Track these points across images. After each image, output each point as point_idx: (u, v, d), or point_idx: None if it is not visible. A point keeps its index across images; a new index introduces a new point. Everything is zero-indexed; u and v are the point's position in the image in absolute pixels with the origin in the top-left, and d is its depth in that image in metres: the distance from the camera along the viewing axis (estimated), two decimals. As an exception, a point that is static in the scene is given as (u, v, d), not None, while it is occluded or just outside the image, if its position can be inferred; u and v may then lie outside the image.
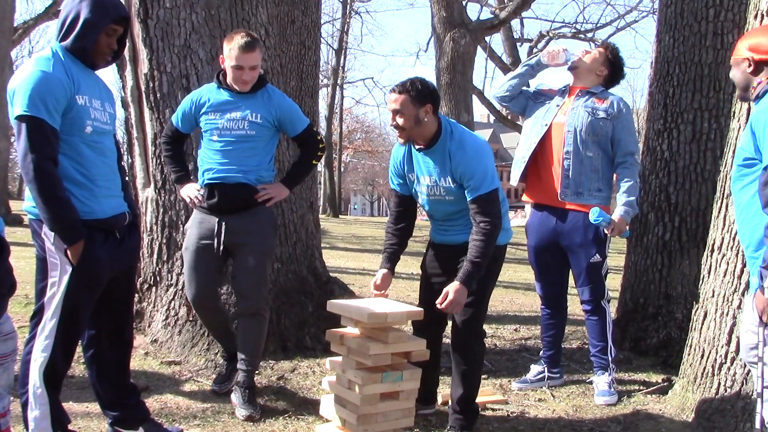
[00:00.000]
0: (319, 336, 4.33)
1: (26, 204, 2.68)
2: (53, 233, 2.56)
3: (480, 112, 63.40)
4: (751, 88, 2.56)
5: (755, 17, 3.33)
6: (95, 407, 3.19)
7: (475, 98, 20.51)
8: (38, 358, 2.60)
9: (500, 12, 17.43)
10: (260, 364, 4.08)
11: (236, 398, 3.44)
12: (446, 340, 4.99)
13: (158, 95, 4.31)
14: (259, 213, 3.49)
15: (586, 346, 4.73)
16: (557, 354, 4.12)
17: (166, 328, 4.28)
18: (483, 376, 4.16)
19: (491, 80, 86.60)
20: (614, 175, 3.90)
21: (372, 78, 56.91)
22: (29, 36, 24.39)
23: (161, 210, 4.36)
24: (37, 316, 2.62)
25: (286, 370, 4.06)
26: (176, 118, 3.60)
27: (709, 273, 3.53)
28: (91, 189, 2.66)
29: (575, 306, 4.30)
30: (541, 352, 4.16)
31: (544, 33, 23.07)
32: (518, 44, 23.22)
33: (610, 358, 3.84)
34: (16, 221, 11.79)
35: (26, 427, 2.65)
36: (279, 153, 4.52)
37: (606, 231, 3.72)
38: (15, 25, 16.61)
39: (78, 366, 3.97)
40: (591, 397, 3.82)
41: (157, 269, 4.39)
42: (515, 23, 22.66)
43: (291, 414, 3.41)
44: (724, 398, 3.29)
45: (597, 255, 3.79)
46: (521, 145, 4.03)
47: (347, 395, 2.92)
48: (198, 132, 3.65)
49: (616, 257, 4.12)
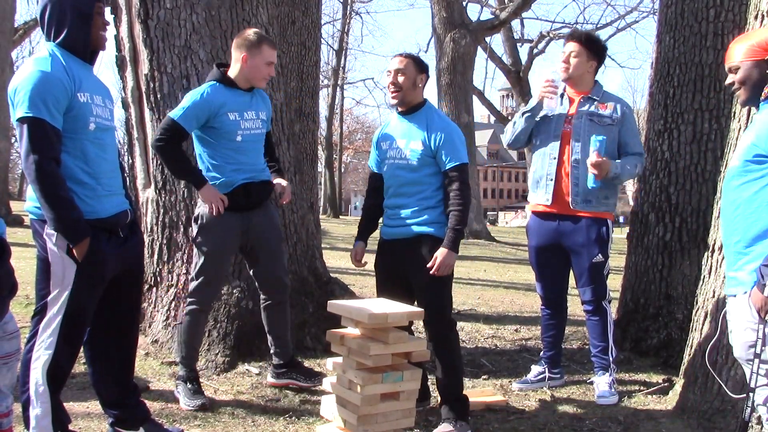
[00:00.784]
0: (320, 336, 4.33)
1: (28, 204, 2.68)
2: (55, 233, 2.56)
3: (480, 113, 63.44)
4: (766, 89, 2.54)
5: (756, 18, 3.33)
6: (96, 407, 3.19)
7: (476, 98, 20.54)
8: (41, 356, 2.60)
9: (500, 12, 17.45)
10: (261, 365, 4.08)
11: (297, 376, 3.76)
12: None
13: (159, 96, 4.31)
14: (270, 206, 3.77)
15: (587, 347, 4.73)
16: (558, 354, 4.12)
17: (167, 329, 4.28)
18: (483, 377, 4.17)
19: (491, 81, 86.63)
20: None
21: (372, 78, 56.94)
22: (30, 36, 24.40)
23: (161, 210, 4.36)
24: (39, 315, 2.62)
25: (287, 371, 4.06)
26: (183, 118, 3.45)
27: (710, 273, 3.53)
28: (95, 188, 2.67)
29: (575, 306, 4.30)
30: (542, 353, 4.16)
31: (545, 33, 23.09)
32: (518, 45, 23.23)
33: (611, 359, 3.84)
34: (17, 222, 11.81)
35: (27, 426, 2.65)
36: (279, 153, 4.53)
37: (594, 157, 3.68)
38: (15, 26, 16.64)
39: (78, 366, 3.97)
40: (592, 398, 3.82)
41: (158, 269, 4.39)
42: (515, 24, 22.71)
43: (291, 414, 3.41)
44: (725, 399, 3.28)
45: (600, 255, 3.79)
46: (538, 162, 3.94)
47: (348, 395, 2.92)
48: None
49: (617, 258, 4.13)
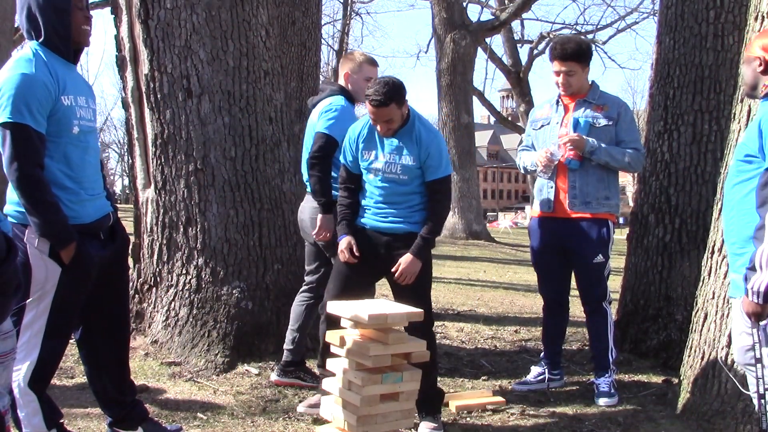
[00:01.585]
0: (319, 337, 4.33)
1: (8, 207, 2.63)
2: (37, 237, 2.53)
3: (480, 113, 63.46)
4: (762, 86, 2.55)
5: (756, 19, 3.33)
6: (95, 408, 3.19)
7: (476, 99, 20.54)
8: (25, 358, 2.57)
9: (501, 13, 17.46)
10: (260, 365, 4.09)
11: (305, 375, 3.84)
12: (445, 342, 5.02)
13: (159, 96, 4.31)
14: None
15: (587, 348, 4.73)
16: (558, 355, 4.12)
17: (167, 329, 4.28)
18: (483, 378, 4.17)
19: (491, 81, 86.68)
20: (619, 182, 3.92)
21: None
22: (30, 36, 24.35)
23: (161, 211, 4.36)
24: (16, 317, 2.60)
25: (286, 371, 4.06)
26: (333, 130, 3.63)
27: (710, 275, 3.53)
28: (78, 192, 2.65)
29: (575, 307, 4.30)
30: (542, 354, 4.15)
31: (545, 34, 23.07)
32: (519, 45, 23.22)
33: (611, 360, 3.84)
34: None
35: (18, 427, 2.64)
36: (279, 154, 4.54)
37: (564, 138, 3.71)
38: (16, 26, 16.60)
39: (78, 367, 3.97)
40: (591, 399, 3.81)
41: (157, 270, 4.39)
42: (516, 24, 22.69)
43: (291, 415, 3.41)
44: (725, 400, 3.29)
45: (600, 256, 3.79)
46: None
47: (347, 396, 2.91)
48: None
49: (617, 259, 4.12)
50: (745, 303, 2.36)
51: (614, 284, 3.95)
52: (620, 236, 6.01)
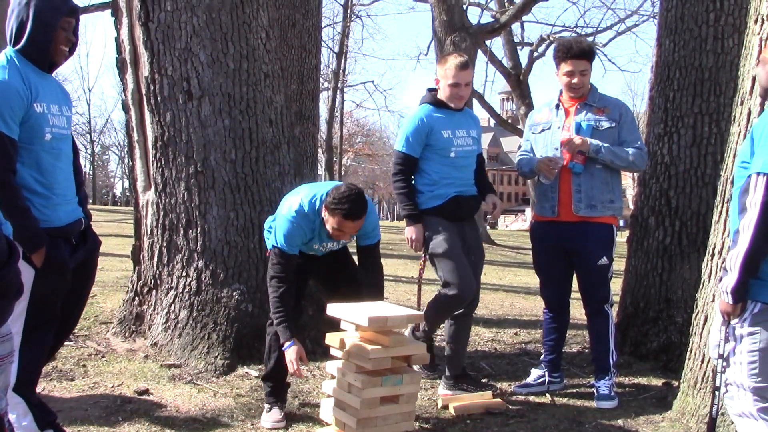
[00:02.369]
0: (319, 339, 4.31)
1: None
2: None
3: (480, 116, 63.37)
4: None
5: (755, 21, 3.33)
6: (96, 409, 3.18)
7: (476, 102, 20.54)
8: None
9: (501, 16, 17.45)
10: (260, 368, 4.08)
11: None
12: (443, 343, 5.00)
13: (159, 98, 4.31)
14: (476, 221, 4.04)
15: (587, 350, 4.73)
16: (558, 358, 4.11)
17: (166, 331, 4.28)
18: (483, 380, 4.17)
19: (492, 84, 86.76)
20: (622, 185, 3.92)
21: (372, 81, 56.87)
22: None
23: (161, 213, 4.36)
24: None
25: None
26: (408, 148, 3.74)
27: (710, 277, 3.52)
28: (49, 197, 2.68)
29: (575, 310, 4.29)
30: (542, 356, 4.15)
31: (545, 37, 23.07)
32: (519, 48, 23.22)
33: (611, 362, 3.83)
34: None
35: (9, 431, 2.63)
36: (279, 156, 4.54)
37: (565, 137, 3.73)
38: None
39: (78, 369, 3.97)
40: (591, 402, 3.81)
41: (158, 272, 4.39)
42: (516, 27, 22.68)
43: (291, 417, 3.40)
44: (724, 402, 3.28)
45: (605, 258, 3.78)
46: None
47: (347, 399, 2.91)
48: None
49: (617, 261, 4.11)
50: (721, 303, 2.52)
51: (614, 287, 3.95)
52: (620, 239, 6.00)
